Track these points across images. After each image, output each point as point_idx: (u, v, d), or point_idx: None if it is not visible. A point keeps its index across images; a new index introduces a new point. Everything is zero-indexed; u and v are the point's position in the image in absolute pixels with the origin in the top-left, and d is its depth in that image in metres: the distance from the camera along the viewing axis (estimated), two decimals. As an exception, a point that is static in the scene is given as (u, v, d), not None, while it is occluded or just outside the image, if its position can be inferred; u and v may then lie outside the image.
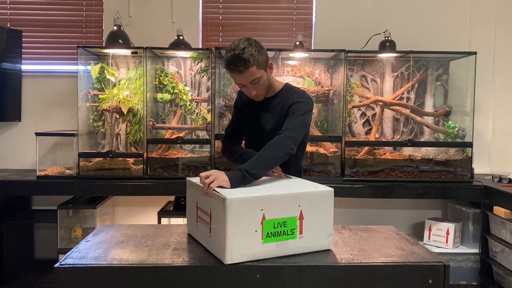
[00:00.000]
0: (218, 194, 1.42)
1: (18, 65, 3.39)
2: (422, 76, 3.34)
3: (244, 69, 1.76)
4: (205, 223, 1.51)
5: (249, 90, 1.85)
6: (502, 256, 2.88)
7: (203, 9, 3.50)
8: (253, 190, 1.50)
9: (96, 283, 1.36)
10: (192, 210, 1.63)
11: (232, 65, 1.77)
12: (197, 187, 1.57)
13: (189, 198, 1.68)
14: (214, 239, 1.44)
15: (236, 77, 1.82)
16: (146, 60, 3.04)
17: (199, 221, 1.57)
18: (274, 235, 1.42)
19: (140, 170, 3.01)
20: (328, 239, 1.52)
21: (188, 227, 1.70)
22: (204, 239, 1.55)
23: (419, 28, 3.45)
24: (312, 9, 3.51)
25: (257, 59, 1.78)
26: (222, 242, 1.37)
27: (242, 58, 1.74)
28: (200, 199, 1.56)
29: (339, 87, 3.19)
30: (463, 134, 3.18)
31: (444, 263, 1.42)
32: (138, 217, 3.47)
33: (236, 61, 1.75)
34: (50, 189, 2.97)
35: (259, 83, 1.83)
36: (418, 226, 3.45)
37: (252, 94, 1.87)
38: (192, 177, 1.69)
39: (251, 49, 1.76)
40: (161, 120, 3.26)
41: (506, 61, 3.50)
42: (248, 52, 1.75)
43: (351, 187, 2.95)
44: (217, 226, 1.42)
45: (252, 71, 1.78)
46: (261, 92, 1.89)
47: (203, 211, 1.53)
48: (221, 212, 1.38)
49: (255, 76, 1.80)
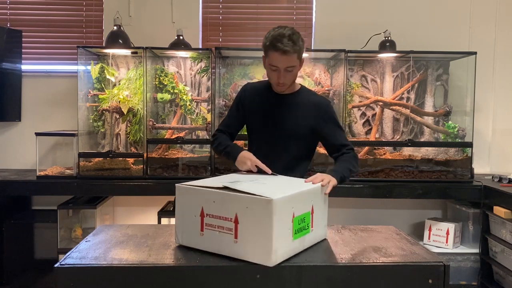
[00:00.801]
0: (254, 196, 1.35)
1: (18, 65, 3.38)
2: (422, 76, 3.34)
3: (290, 50, 1.75)
4: (225, 229, 1.41)
5: (280, 76, 1.82)
6: (502, 256, 2.88)
7: (203, 9, 3.50)
8: (278, 189, 1.48)
9: (96, 283, 1.36)
10: (191, 219, 1.48)
11: (279, 42, 1.74)
12: (201, 193, 1.46)
13: (184, 206, 1.51)
14: (245, 243, 1.38)
15: (275, 57, 1.78)
16: (146, 60, 3.04)
17: (208, 229, 1.45)
18: (298, 231, 1.46)
19: (140, 170, 3.01)
20: (325, 229, 1.65)
21: (182, 238, 1.52)
22: (223, 246, 1.43)
23: (419, 28, 3.44)
24: (312, 9, 3.50)
25: (302, 48, 1.80)
26: (264, 244, 1.34)
27: (291, 39, 1.74)
28: (210, 205, 1.44)
29: (339, 87, 3.19)
30: (463, 134, 3.18)
31: (444, 263, 1.42)
32: (138, 217, 3.47)
33: (285, 41, 1.73)
34: (50, 189, 2.98)
35: (292, 72, 1.83)
36: (418, 226, 3.45)
37: (280, 81, 1.84)
38: (184, 181, 1.56)
39: (298, 36, 1.78)
40: (161, 120, 3.26)
41: (506, 61, 3.50)
42: (295, 37, 1.77)
43: (351, 187, 2.95)
44: (251, 229, 1.36)
45: (294, 57, 1.78)
46: (289, 83, 1.88)
47: (218, 217, 1.43)
48: (262, 214, 1.33)
49: (293, 63, 1.79)
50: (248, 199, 1.36)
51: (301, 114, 1.89)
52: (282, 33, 1.75)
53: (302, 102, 1.91)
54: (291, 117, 1.90)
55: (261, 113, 1.95)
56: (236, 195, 1.39)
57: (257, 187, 1.46)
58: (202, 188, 1.46)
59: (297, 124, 1.88)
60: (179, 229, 1.53)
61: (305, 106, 1.90)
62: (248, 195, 1.37)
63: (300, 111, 1.90)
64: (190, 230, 1.49)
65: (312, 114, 1.89)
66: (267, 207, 1.33)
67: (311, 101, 1.92)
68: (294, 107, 1.91)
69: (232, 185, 1.44)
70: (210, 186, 1.46)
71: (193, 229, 1.48)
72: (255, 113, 1.97)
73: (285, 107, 1.91)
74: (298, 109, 1.90)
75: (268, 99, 1.94)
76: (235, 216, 1.39)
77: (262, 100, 1.95)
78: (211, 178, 1.67)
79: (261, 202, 1.34)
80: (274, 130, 1.92)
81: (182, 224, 1.52)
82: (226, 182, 1.49)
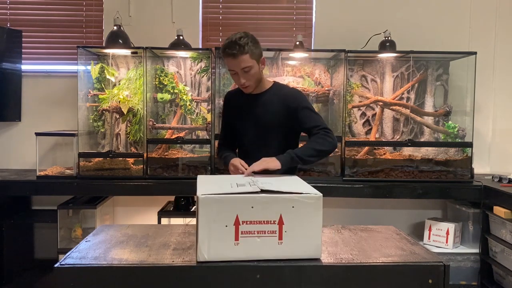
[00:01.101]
0: (301, 194, 1.40)
1: (18, 65, 3.39)
2: (422, 76, 3.34)
3: (238, 54, 1.86)
4: (267, 233, 1.39)
5: (239, 78, 1.93)
6: (502, 256, 2.88)
7: (203, 9, 3.50)
8: (298, 184, 1.57)
9: (96, 283, 1.36)
10: (221, 230, 1.37)
11: (227, 49, 1.88)
12: (236, 201, 1.38)
13: (210, 218, 1.37)
14: (291, 243, 1.40)
15: (229, 62, 1.91)
16: (146, 60, 3.04)
17: (246, 237, 1.39)
18: None
19: (140, 170, 3.01)
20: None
21: (209, 253, 1.38)
22: (264, 251, 1.39)
23: (419, 28, 3.44)
24: (312, 9, 3.51)
25: (251, 48, 1.89)
26: (313, 239, 1.41)
27: (237, 43, 1.86)
28: (247, 211, 1.38)
29: (339, 87, 3.19)
30: (463, 134, 3.18)
31: (444, 263, 1.42)
32: (138, 217, 3.47)
33: (232, 46, 1.86)
34: (50, 189, 2.98)
35: (250, 72, 1.91)
36: (418, 226, 3.45)
37: (241, 83, 1.94)
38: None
39: (246, 39, 1.88)
40: (161, 120, 3.26)
41: (506, 61, 3.50)
42: (243, 41, 1.87)
43: (351, 187, 2.94)
44: (298, 228, 1.39)
45: (245, 58, 1.88)
46: (251, 83, 1.95)
47: (258, 222, 1.38)
48: (311, 210, 1.39)
49: (247, 64, 1.89)
50: (295, 198, 1.39)
51: (274, 108, 1.98)
52: (230, 39, 1.88)
53: (274, 97, 2.01)
54: (266, 113, 1.99)
55: (241, 115, 2.07)
56: (281, 196, 1.39)
57: (286, 184, 1.52)
58: (238, 195, 1.39)
59: (272, 119, 1.98)
60: (204, 244, 1.37)
61: (277, 100, 1.99)
62: (293, 194, 1.40)
63: (273, 106, 1.99)
64: (220, 242, 1.38)
65: (283, 106, 1.97)
66: (317, 202, 1.39)
67: (282, 94, 2.01)
68: (267, 103, 2.00)
69: (266, 186, 1.45)
70: (244, 192, 1.41)
71: (225, 240, 1.38)
72: (236, 117, 2.10)
73: (259, 106, 2.01)
74: (271, 104, 1.99)
75: (245, 101, 2.05)
76: (280, 217, 1.39)
77: (240, 103, 2.07)
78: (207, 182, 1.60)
79: (311, 199, 1.39)
80: (253, 129, 2.02)
81: (208, 238, 1.37)
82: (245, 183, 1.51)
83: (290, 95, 2.00)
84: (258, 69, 1.95)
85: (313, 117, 1.95)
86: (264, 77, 2.05)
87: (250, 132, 2.03)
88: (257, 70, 1.94)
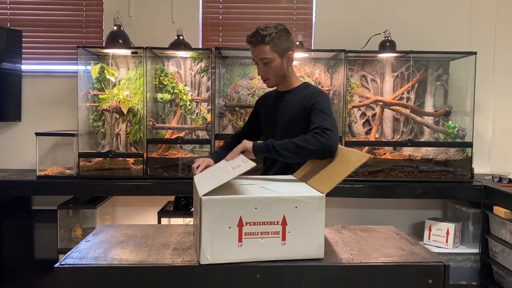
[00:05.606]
0: (304, 194, 1.40)
1: (18, 65, 3.39)
2: (422, 76, 3.34)
3: (257, 43, 1.81)
4: (270, 234, 1.39)
5: (259, 69, 1.89)
6: (502, 256, 2.88)
7: (203, 9, 3.50)
8: (296, 184, 1.58)
9: (96, 283, 1.36)
10: (224, 232, 1.36)
11: (249, 35, 1.84)
12: (240, 202, 1.36)
13: (213, 220, 1.35)
14: (294, 243, 1.40)
15: (251, 51, 1.87)
16: (146, 60, 3.04)
17: (249, 238, 1.38)
18: None
19: (140, 170, 3.01)
20: None
21: (213, 256, 1.36)
22: (267, 252, 1.39)
23: (419, 28, 3.45)
24: (312, 9, 3.51)
25: (274, 40, 1.82)
26: (315, 239, 1.41)
27: (259, 32, 1.81)
28: (251, 212, 1.37)
29: (339, 87, 3.19)
30: (463, 134, 3.18)
31: (444, 263, 1.42)
32: (138, 217, 3.47)
33: (254, 34, 1.82)
34: (50, 189, 2.97)
35: (270, 65, 1.85)
36: (418, 226, 3.45)
37: (260, 74, 1.90)
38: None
39: (272, 30, 1.82)
40: (161, 120, 3.26)
41: (506, 61, 3.50)
42: (267, 31, 1.80)
43: (351, 187, 2.94)
44: (301, 228, 1.39)
45: (264, 49, 1.82)
46: (270, 77, 1.89)
47: (262, 223, 1.38)
48: (314, 210, 1.39)
49: (265, 56, 1.83)
50: (298, 198, 1.39)
51: (292, 108, 1.89)
52: (257, 28, 1.83)
53: (297, 97, 1.90)
54: (284, 113, 1.92)
55: (265, 113, 2.04)
56: (284, 197, 1.39)
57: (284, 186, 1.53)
58: (241, 196, 1.38)
59: (288, 120, 1.89)
60: (207, 247, 1.35)
61: (298, 100, 1.89)
62: (297, 194, 1.40)
63: (292, 106, 1.90)
64: (223, 244, 1.36)
65: (300, 106, 1.87)
66: (320, 202, 1.40)
67: (302, 94, 1.89)
68: (288, 103, 1.92)
69: (269, 186, 1.47)
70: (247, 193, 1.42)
71: (229, 242, 1.36)
72: (262, 114, 2.07)
73: (281, 105, 1.94)
74: (292, 104, 1.90)
75: (272, 100, 2.01)
76: (283, 217, 1.39)
77: (268, 102, 2.04)
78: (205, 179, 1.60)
79: (314, 199, 1.39)
80: (271, 128, 1.96)
81: (211, 240, 1.35)
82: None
83: (308, 96, 1.86)
84: (280, 63, 1.85)
85: (320, 118, 1.75)
86: (294, 76, 1.96)
87: (268, 130, 1.99)
88: (279, 64, 1.85)
